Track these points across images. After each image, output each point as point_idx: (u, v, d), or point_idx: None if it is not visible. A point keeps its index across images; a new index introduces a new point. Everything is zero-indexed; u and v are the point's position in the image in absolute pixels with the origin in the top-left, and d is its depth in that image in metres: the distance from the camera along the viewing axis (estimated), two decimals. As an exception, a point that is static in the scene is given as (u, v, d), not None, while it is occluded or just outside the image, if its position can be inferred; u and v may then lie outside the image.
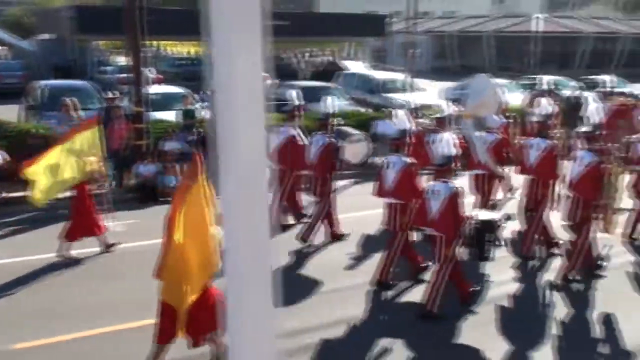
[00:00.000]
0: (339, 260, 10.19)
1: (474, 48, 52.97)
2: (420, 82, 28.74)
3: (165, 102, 18.07)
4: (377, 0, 57.64)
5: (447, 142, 8.40)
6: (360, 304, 8.60)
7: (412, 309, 8.36)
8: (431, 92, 25.41)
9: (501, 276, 9.47)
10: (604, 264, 9.67)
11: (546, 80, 25.41)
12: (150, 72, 20.09)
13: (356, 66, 35.84)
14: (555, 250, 10.19)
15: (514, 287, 9.26)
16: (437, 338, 7.68)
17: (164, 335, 6.42)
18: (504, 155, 11.11)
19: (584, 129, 9.64)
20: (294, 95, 11.57)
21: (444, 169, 8.25)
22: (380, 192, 9.10)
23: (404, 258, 9.19)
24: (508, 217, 9.24)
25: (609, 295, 8.90)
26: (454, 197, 7.94)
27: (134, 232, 10.80)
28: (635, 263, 10.19)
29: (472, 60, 52.04)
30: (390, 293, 8.96)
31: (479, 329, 7.87)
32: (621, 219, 10.04)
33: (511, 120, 12.49)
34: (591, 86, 23.84)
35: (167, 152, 13.94)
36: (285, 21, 40.76)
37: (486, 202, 10.92)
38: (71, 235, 10.18)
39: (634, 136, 10.85)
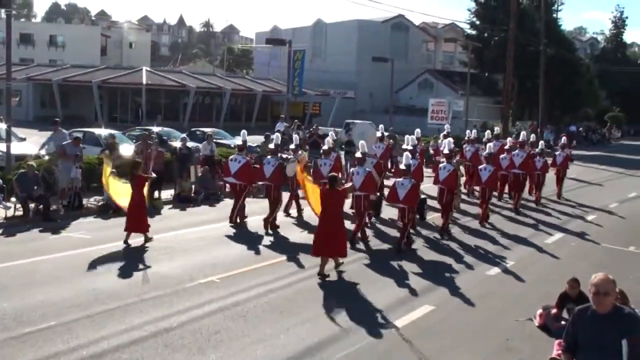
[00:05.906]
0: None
1: (82, 98, 51.29)
2: (21, 131, 26.80)
3: None
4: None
5: (406, 157, 15.13)
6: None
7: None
8: (34, 142, 23.55)
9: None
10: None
11: (156, 130, 25.35)
12: None
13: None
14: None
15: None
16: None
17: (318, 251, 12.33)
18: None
19: (445, 150, 17.31)
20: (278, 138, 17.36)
21: (406, 171, 14.81)
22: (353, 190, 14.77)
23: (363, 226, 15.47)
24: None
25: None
26: (414, 187, 14.63)
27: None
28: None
29: (80, 110, 50.29)
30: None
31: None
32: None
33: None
34: (201, 137, 24.30)
35: None
36: None
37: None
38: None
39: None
